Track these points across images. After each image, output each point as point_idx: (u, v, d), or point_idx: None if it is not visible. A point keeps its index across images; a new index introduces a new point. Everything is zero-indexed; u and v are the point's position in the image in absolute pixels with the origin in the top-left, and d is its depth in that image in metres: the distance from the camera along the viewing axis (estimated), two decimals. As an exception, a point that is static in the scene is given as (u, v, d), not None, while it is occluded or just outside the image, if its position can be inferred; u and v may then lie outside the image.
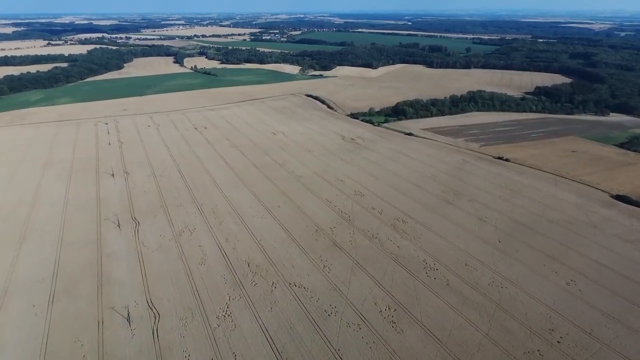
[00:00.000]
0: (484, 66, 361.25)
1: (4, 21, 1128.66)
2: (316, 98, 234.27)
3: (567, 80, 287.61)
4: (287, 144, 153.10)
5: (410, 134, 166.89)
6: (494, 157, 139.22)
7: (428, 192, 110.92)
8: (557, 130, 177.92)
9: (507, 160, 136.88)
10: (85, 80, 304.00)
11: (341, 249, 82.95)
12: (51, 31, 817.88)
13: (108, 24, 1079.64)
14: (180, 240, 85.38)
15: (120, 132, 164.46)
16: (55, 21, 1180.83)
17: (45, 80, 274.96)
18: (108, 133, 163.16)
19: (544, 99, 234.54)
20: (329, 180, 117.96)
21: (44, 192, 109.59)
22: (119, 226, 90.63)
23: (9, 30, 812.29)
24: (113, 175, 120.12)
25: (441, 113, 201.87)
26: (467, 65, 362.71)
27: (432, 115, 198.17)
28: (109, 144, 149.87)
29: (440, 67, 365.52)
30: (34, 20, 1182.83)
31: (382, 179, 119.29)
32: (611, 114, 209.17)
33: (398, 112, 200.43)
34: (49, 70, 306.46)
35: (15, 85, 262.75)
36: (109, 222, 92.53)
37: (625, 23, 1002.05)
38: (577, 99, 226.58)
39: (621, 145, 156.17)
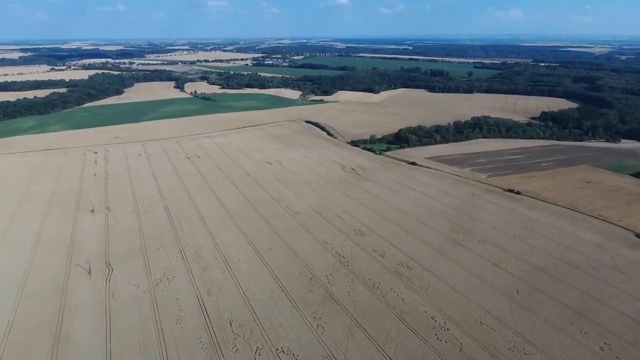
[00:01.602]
0: (487, 90, 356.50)
1: (12, 47, 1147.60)
2: (316, 124, 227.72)
3: (573, 104, 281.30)
4: (284, 174, 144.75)
5: (413, 164, 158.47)
6: (504, 190, 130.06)
7: (435, 230, 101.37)
8: (567, 158, 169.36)
9: (518, 193, 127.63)
10: (83, 105, 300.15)
11: (338, 302, 72.98)
12: (57, 56, 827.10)
13: (114, 49, 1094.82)
14: (156, 291, 75.72)
15: (108, 162, 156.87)
16: (63, 47, 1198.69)
17: (41, 106, 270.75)
18: (95, 163, 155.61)
19: (551, 124, 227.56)
20: (326, 217, 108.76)
21: (14, 230, 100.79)
22: (89, 273, 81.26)
23: (16, 55, 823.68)
24: (93, 211, 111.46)
25: (445, 140, 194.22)
26: (469, 90, 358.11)
27: (435, 143, 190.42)
28: (95, 175, 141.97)
29: (442, 92, 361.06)
30: (42, 46, 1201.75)
31: (384, 215, 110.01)
32: (622, 140, 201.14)
33: (400, 139, 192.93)
34: (46, 96, 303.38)
35: (10, 111, 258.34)
36: (79, 268, 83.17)
37: (624, 47, 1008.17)
38: (585, 125, 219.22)
39: (637, 175, 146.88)
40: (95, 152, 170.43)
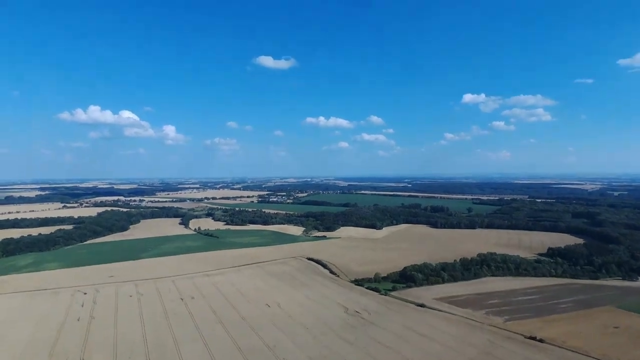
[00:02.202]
0: (489, 226, 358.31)
1: (33, 186, 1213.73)
2: (318, 262, 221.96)
3: (578, 240, 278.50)
4: (282, 318, 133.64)
5: (422, 305, 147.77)
6: (526, 337, 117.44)
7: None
8: (587, 299, 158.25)
9: (541, 340, 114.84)
10: (86, 242, 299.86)
11: None
12: (73, 195, 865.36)
13: (128, 187, 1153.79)
14: None
15: (96, 304, 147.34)
16: (81, 185, 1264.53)
17: (42, 244, 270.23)
18: (82, 305, 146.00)
19: (561, 261, 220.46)
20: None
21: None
22: None
23: (33, 194, 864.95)
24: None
25: (453, 279, 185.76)
26: (471, 225, 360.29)
27: (443, 282, 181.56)
28: (78, 319, 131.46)
29: (444, 227, 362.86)
30: (61, 185, 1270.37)
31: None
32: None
33: (406, 277, 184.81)
34: (50, 233, 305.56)
35: (11, 249, 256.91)
36: None
37: (613, 183, 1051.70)
38: (596, 262, 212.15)
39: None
40: (85, 293, 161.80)
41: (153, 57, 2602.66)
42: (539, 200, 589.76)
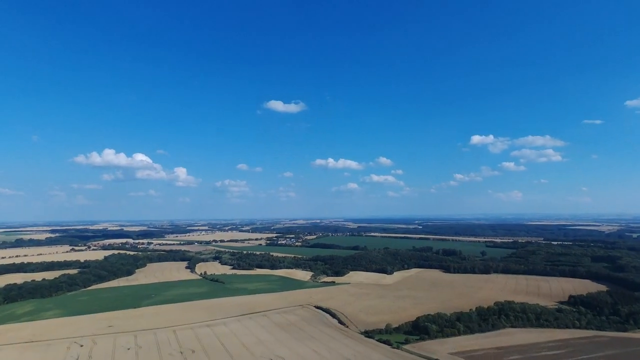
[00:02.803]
0: (505, 271, 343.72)
1: (45, 228, 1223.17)
2: (326, 311, 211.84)
3: (600, 287, 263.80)
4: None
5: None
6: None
7: None
8: (616, 354, 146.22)
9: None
10: (89, 288, 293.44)
11: None
12: (82, 237, 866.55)
13: (137, 229, 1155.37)
14: None
15: (91, 358, 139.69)
16: (91, 227, 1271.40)
17: (45, 290, 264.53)
18: (77, 359, 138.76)
19: (584, 310, 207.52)
20: None
21: None
22: None
23: (43, 236, 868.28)
24: None
25: (470, 330, 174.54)
26: (486, 270, 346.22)
27: (459, 334, 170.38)
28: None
29: (457, 272, 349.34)
30: (71, 227, 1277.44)
31: None
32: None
33: (419, 329, 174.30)
34: (54, 278, 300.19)
35: (13, 295, 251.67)
36: None
37: (631, 224, 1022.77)
38: (623, 311, 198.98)
39: None
40: (81, 345, 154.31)
41: (167, 101, 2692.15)
42: (555, 242, 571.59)
